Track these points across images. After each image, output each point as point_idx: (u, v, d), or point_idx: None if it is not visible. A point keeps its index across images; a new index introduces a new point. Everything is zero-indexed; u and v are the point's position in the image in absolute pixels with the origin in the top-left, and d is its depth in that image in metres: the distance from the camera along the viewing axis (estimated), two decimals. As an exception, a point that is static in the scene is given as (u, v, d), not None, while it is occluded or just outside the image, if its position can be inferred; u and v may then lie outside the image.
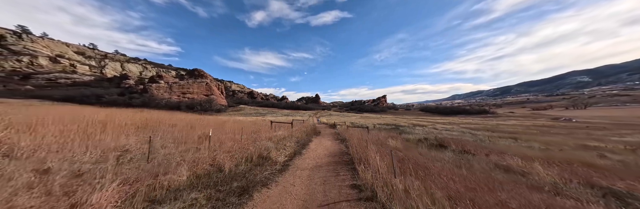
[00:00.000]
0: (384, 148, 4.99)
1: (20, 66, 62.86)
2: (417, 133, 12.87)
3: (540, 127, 21.31)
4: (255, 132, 6.29)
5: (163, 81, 60.22)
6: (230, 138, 4.93)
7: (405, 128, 19.83)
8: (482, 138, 10.53)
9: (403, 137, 8.63)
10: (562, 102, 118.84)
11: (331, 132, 11.91)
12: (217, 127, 6.63)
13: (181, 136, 4.79)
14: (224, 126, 7.20)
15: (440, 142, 6.86)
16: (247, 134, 5.85)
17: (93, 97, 50.13)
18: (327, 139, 8.36)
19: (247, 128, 7.12)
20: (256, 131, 6.80)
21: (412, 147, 6.09)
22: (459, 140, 8.32)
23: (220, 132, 5.58)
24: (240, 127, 7.17)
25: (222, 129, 6.29)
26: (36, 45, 71.45)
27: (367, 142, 4.68)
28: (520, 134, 14.14)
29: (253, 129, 7.09)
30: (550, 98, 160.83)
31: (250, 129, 7.07)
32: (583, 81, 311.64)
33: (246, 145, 4.36)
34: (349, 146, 5.67)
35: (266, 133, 6.40)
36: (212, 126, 6.76)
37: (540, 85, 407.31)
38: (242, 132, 5.84)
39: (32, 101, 44.12)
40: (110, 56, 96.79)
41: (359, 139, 5.92)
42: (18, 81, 57.77)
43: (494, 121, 37.13)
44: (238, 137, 5.29)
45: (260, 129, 7.36)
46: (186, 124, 6.18)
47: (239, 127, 7.05)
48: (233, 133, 5.74)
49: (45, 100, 47.03)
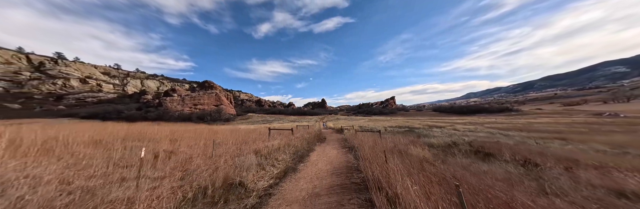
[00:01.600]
0: (407, 158, 3.68)
1: (55, 88, 69.79)
2: (438, 136, 11.15)
3: (587, 125, 18.16)
4: (245, 143, 5.28)
5: (176, 94, 63.21)
6: (205, 153, 3.93)
7: (421, 130, 17.87)
8: (523, 140, 8.64)
9: (424, 142, 7.11)
10: (598, 96, 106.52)
11: (337, 138, 10.62)
12: (209, 137, 5.75)
13: (133, 154, 3.63)
14: (216, 136, 6.32)
15: (478, 148, 5.33)
16: (235, 146, 4.86)
17: (114, 113, 53.37)
18: (332, 147, 7.12)
19: (240, 138, 6.17)
20: (248, 141, 5.78)
21: (445, 157, 4.64)
22: (496, 144, 6.67)
23: (198, 145, 4.64)
24: (233, 137, 6.26)
25: (210, 141, 5.38)
26: (69, 68, 79.73)
27: (384, 153, 3.40)
28: (567, 134, 11.78)
29: (246, 139, 6.10)
30: (583, 92, 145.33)
31: (243, 138, 6.09)
32: (619, 72, 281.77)
33: (219, 163, 3.28)
34: (359, 157, 4.41)
35: (259, 143, 5.38)
36: (205, 137, 5.91)
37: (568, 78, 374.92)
38: (229, 144, 4.89)
39: (62, 120, 47.71)
40: (131, 74, 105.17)
41: (372, 146, 4.66)
42: (52, 102, 63.75)
43: (522, 119, 33.26)
44: (220, 150, 4.31)
45: (256, 139, 6.35)
46: (172, 136, 5.35)
47: (232, 137, 6.14)
48: (218, 145, 4.77)
49: (74, 118, 50.76)
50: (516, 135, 11.87)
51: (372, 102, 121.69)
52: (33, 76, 70.76)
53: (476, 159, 4.34)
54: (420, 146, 5.51)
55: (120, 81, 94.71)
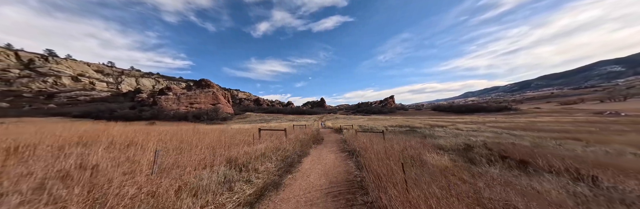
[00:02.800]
0: (424, 168, 2.93)
1: (46, 86, 67.78)
2: (444, 136, 10.51)
3: (592, 124, 17.76)
4: (225, 147, 4.47)
5: (172, 92, 61.82)
6: (158, 165, 3.04)
7: (423, 130, 17.29)
8: (536, 141, 8.02)
9: (433, 144, 6.41)
10: (594, 95, 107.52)
11: (336, 140, 9.91)
12: (187, 140, 4.97)
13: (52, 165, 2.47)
14: (203, 139, 5.52)
15: (500, 152, 4.61)
16: (210, 151, 4.04)
17: (107, 112, 51.98)
18: (330, 150, 6.39)
19: (223, 140, 5.39)
20: (230, 144, 4.98)
21: (468, 165, 3.88)
22: (513, 145, 6.03)
23: (167, 153, 3.84)
24: (215, 139, 5.48)
25: (189, 145, 4.58)
26: (60, 66, 77.48)
27: (401, 167, 2.59)
28: (577, 134, 11.25)
29: (230, 142, 5.31)
30: (579, 91, 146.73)
31: (227, 141, 5.30)
32: (615, 71, 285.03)
33: (162, 184, 2.25)
34: (363, 167, 3.51)
35: (242, 147, 4.58)
36: (180, 139, 5.10)
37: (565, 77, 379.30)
38: (203, 148, 4.09)
39: (52, 119, 46.28)
40: (126, 72, 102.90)
41: (377, 152, 3.88)
42: (43, 100, 61.93)
43: (522, 118, 32.97)
44: (183, 160, 3.34)
45: (241, 141, 5.55)
46: (135, 139, 4.46)
47: (214, 140, 5.36)
48: (191, 152, 3.92)
49: (65, 117, 49.29)
50: (524, 135, 11.31)
51: (371, 102, 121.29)
52: (22, 74, 68.59)
53: (509, 169, 3.58)
54: (432, 150, 4.74)
55: (114, 79, 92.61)
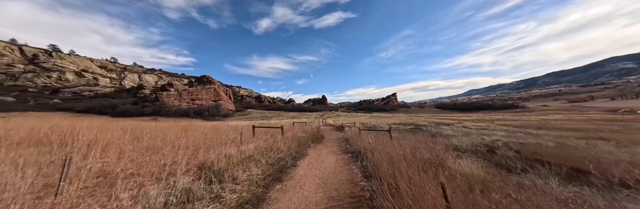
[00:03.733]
0: (451, 179, 2.15)
1: (50, 82, 68.40)
2: (455, 135, 9.75)
3: (611, 122, 16.67)
4: (208, 148, 3.80)
5: (173, 88, 61.79)
6: (104, 174, 2.26)
7: (429, 128, 16.51)
8: (559, 141, 7.22)
9: (446, 144, 5.67)
10: (605, 93, 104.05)
11: (337, 138, 9.24)
12: (168, 139, 4.34)
13: None
14: (186, 137, 4.91)
15: (532, 154, 3.84)
16: (188, 151, 3.38)
17: (110, 107, 52.38)
18: (330, 150, 5.72)
19: (209, 139, 4.75)
20: (215, 144, 4.31)
21: (501, 173, 3.10)
22: (538, 146, 5.28)
23: (127, 154, 3.19)
24: (200, 137, 4.86)
25: (169, 144, 3.96)
26: (64, 61, 77.86)
27: (404, 163, 1.90)
28: (598, 132, 10.35)
29: (217, 141, 4.66)
30: (588, 88, 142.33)
31: (213, 140, 4.65)
32: (626, 68, 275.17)
33: None
34: (374, 178, 2.74)
35: (226, 148, 3.90)
36: (162, 137, 4.47)
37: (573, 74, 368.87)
38: (181, 149, 3.45)
39: (56, 114, 46.86)
40: (129, 68, 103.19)
41: (387, 155, 3.09)
42: (48, 95, 62.62)
43: (531, 116, 31.74)
44: (147, 169, 2.55)
45: (230, 140, 4.88)
46: (111, 138, 3.86)
47: (199, 138, 4.73)
48: (158, 155, 3.25)
49: (68, 112, 49.87)
50: (542, 134, 10.45)
51: (373, 99, 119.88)
52: (27, 69, 69.18)
53: (562, 179, 2.77)
54: (448, 152, 3.96)
55: (117, 74, 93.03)
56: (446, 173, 2.61)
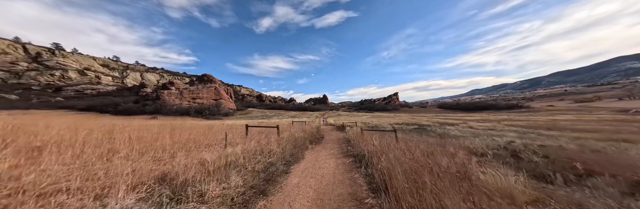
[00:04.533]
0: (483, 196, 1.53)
1: (53, 80, 68.85)
2: (462, 136, 9.11)
3: (627, 123, 15.83)
4: (189, 151, 3.22)
5: (174, 87, 61.75)
6: None
7: (434, 128, 15.86)
8: (577, 143, 6.58)
9: (457, 147, 5.06)
10: (612, 93, 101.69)
11: (338, 139, 8.69)
12: (147, 140, 3.81)
13: None
14: (167, 137, 4.38)
15: (569, 161, 3.22)
16: (149, 158, 2.77)
17: (111, 106, 52.54)
18: (330, 152, 5.16)
19: (193, 139, 4.21)
20: (198, 145, 3.75)
21: (542, 186, 2.42)
22: (562, 150, 4.65)
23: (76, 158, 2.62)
24: (183, 136, 4.32)
25: (151, 145, 3.42)
26: (67, 60, 78.31)
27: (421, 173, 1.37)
28: (616, 134, 9.64)
29: (201, 141, 4.10)
30: (594, 88, 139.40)
31: (197, 140, 4.11)
32: (634, 68, 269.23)
33: None
34: (384, 193, 2.23)
35: (207, 153, 3.29)
36: (137, 136, 3.92)
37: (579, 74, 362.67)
38: (153, 152, 2.90)
39: (59, 111, 47.10)
40: (131, 67, 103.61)
41: (400, 162, 2.42)
42: (51, 93, 63.04)
43: (539, 116, 30.78)
44: (91, 183, 1.88)
45: (216, 141, 4.33)
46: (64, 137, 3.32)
47: (183, 137, 4.19)
48: (114, 160, 2.63)
49: (71, 110, 50.11)
50: (556, 135, 9.75)
51: (374, 99, 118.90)
52: (30, 67, 69.71)
53: (623, 194, 2.10)
54: (465, 156, 3.31)
55: (119, 73, 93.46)
56: (474, 188, 1.98)
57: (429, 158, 3.40)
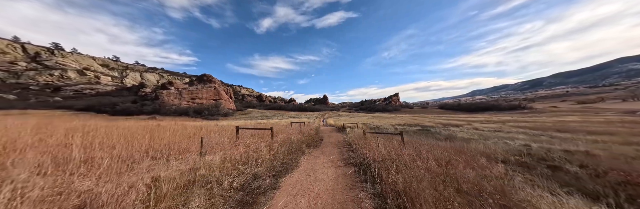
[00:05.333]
0: None
1: (52, 80, 68.49)
2: (471, 138, 8.51)
3: (638, 124, 15.21)
4: (158, 160, 2.60)
5: (173, 87, 61.29)
6: None
7: (438, 130, 15.26)
8: (598, 146, 6.01)
9: (473, 152, 4.46)
10: (615, 94, 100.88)
11: (338, 141, 8.11)
12: (109, 144, 3.21)
13: None
14: (144, 138, 3.82)
15: (621, 174, 2.63)
16: (106, 171, 2.13)
17: (109, 105, 52.09)
18: (329, 159, 4.55)
19: (171, 145, 3.61)
20: (171, 154, 3.13)
21: None
22: (589, 155, 4.07)
23: None
24: (168, 142, 3.75)
25: (110, 153, 2.84)
26: (66, 59, 78.03)
27: None
28: (634, 136, 9.07)
29: (180, 148, 3.49)
30: (597, 90, 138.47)
31: (178, 147, 3.50)
32: (636, 69, 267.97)
33: None
34: None
35: (183, 160, 2.70)
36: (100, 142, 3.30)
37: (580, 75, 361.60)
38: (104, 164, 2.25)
39: (56, 111, 46.65)
40: (131, 67, 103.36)
41: (418, 178, 1.78)
42: (49, 93, 62.64)
43: (545, 118, 30.11)
44: None
45: (192, 147, 3.70)
46: None
47: (159, 144, 3.61)
48: None
49: (68, 110, 49.64)
50: (570, 138, 9.14)
51: (374, 99, 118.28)
52: (29, 67, 69.40)
53: None
54: (488, 163, 2.63)
55: (119, 73, 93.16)
56: None
57: (447, 168, 2.82)
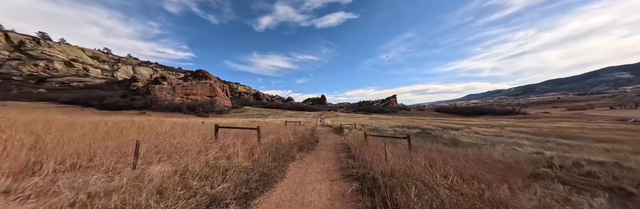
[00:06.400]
0: None
1: (37, 70, 65.14)
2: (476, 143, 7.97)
3: (636, 132, 15.21)
4: (76, 170, 1.84)
5: (167, 82, 59.24)
6: None
7: (438, 133, 14.76)
8: (614, 155, 5.58)
9: (490, 159, 3.80)
10: (603, 101, 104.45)
11: (335, 144, 7.38)
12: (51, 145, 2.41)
13: None
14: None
15: None
16: None
17: (97, 99, 49.88)
18: (324, 168, 3.79)
19: (120, 147, 2.83)
20: (119, 157, 2.35)
21: None
22: (622, 167, 3.51)
23: None
24: (128, 142, 2.97)
25: None
26: (53, 50, 74.43)
27: None
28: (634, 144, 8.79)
29: (116, 158, 2.68)
30: (586, 97, 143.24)
31: (116, 156, 2.67)
32: (622, 78, 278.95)
33: None
34: None
35: (136, 170, 1.97)
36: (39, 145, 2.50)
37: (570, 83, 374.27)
38: None
39: (39, 104, 44.27)
40: (123, 60, 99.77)
41: None
42: (33, 84, 59.49)
43: (541, 123, 30.32)
44: None
45: (151, 152, 2.87)
46: None
47: (124, 143, 2.83)
48: None
49: (52, 102, 47.21)
50: (578, 145, 8.74)
51: (372, 100, 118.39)
52: (12, 56, 65.81)
53: None
54: (522, 178, 2.01)
55: (110, 66, 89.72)
56: None
57: (480, 187, 2.14)
